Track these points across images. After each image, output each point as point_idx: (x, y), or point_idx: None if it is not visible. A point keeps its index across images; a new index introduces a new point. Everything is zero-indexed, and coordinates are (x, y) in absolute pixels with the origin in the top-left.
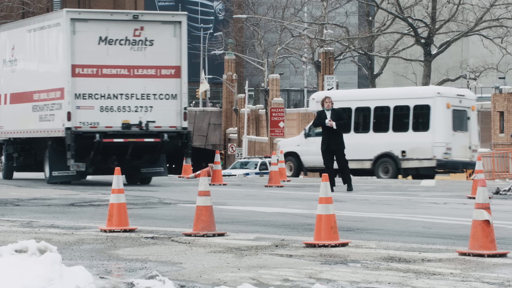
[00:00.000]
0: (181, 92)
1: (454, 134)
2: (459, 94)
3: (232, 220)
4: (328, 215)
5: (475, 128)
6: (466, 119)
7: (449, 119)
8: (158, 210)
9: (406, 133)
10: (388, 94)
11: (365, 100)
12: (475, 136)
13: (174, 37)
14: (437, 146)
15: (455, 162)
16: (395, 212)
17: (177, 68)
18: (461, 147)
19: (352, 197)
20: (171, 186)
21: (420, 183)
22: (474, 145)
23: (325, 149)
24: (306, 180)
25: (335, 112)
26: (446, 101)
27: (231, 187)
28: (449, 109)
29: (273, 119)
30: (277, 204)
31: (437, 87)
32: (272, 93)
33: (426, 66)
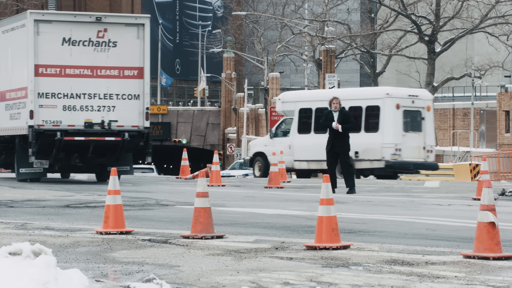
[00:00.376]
0: (143, 92)
1: (405, 134)
2: (411, 94)
3: (231, 222)
4: (330, 217)
5: (431, 129)
6: (421, 120)
7: (399, 120)
8: (155, 211)
9: (359, 134)
10: (344, 95)
11: (324, 100)
12: (430, 137)
13: (138, 39)
14: (386, 147)
15: (405, 162)
16: (398, 214)
17: (139, 69)
18: (413, 147)
19: (354, 198)
20: (168, 187)
21: (424, 184)
22: (429, 146)
23: (329, 150)
24: (307, 181)
25: (343, 114)
26: (396, 101)
27: (230, 188)
28: (399, 109)
29: (273, 119)
30: (277, 205)
31: (387, 88)
32: (272, 92)
33: (430, 64)
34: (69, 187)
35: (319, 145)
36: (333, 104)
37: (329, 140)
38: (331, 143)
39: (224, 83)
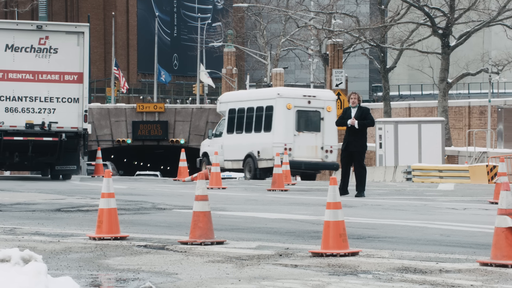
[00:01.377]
0: (82, 96)
1: (298, 134)
2: (306, 94)
3: (232, 227)
4: (337, 222)
5: (331, 128)
6: (319, 120)
7: (291, 120)
8: (152, 216)
9: (260, 133)
10: (254, 95)
11: (242, 101)
12: (330, 137)
13: (78, 46)
14: (276, 146)
15: (296, 162)
16: (410, 218)
17: (79, 74)
18: (307, 147)
19: (363, 202)
20: (165, 190)
21: (438, 187)
22: (328, 146)
23: (343, 149)
24: (313, 184)
25: (361, 111)
26: (287, 101)
27: (231, 191)
28: (290, 109)
29: None
30: (281, 209)
31: (279, 88)
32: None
33: (444, 59)
34: (60, 189)
35: (237, 145)
36: (351, 99)
37: (344, 138)
38: (346, 142)
39: (224, 79)
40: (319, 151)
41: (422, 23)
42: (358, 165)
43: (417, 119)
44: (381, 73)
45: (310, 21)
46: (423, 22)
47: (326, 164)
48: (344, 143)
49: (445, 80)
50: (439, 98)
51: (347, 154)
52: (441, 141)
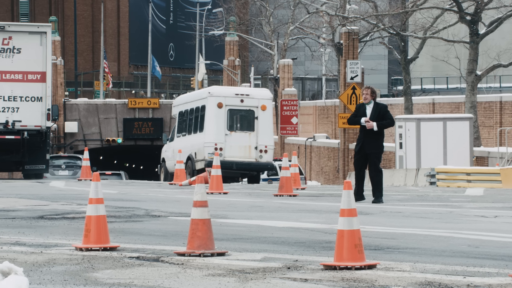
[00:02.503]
0: (45, 95)
1: (230, 134)
2: (239, 93)
3: (234, 236)
4: (352, 231)
5: (266, 128)
6: (253, 119)
7: (222, 119)
8: (145, 224)
9: (196, 135)
10: (193, 96)
11: (187, 103)
12: (265, 136)
13: (40, 46)
14: (207, 146)
15: (227, 162)
16: (434, 227)
17: (42, 74)
18: (240, 147)
19: (380, 209)
20: (160, 195)
21: (465, 192)
22: (263, 146)
23: (358, 151)
24: (325, 188)
25: (378, 108)
26: (218, 100)
27: (233, 196)
28: (221, 108)
29: (284, 114)
30: (289, 217)
31: (210, 87)
32: (283, 82)
33: (473, 49)
34: (43, 194)
35: (183, 147)
36: (363, 95)
37: (359, 138)
38: (360, 142)
39: (226, 71)
40: (252, 151)
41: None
42: (374, 169)
43: (442, 116)
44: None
45: (322, 7)
46: (449, 7)
47: (260, 165)
48: (358, 144)
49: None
50: (466, 93)
51: (362, 156)
52: (469, 141)
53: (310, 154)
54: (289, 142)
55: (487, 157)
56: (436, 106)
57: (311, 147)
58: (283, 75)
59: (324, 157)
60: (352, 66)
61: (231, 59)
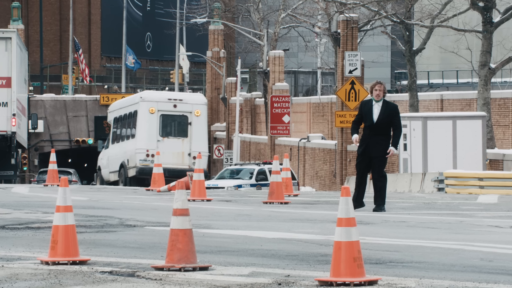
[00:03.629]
0: (11, 100)
1: (162, 140)
2: (172, 98)
3: (219, 248)
4: (350, 242)
5: (200, 134)
6: (186, 125)
7: (154, 124)
8: (119, 234)
9: (129, 141)
10: (127, 101)
11: (121, 108)
12: (198, 142)
13: (6, 52)
14: (138, 153)
15: None
16: (442, 238)
17: (7, 79)
18: (173, 153)
19: (382, 218)
20: (136, 202)
21: (477, 199)
22: (195, 152)
23: (361, 153)
24: (320, 195)
25: (388, 108)
26: (150, 106)
27: (217, 204)
28: (153, 114)
29: (275, 112)
30: (280, 227)
31: (143, 92)
32: (274, 76)
33: (486, 39)
34: (5, 201)
35: (117, 154)
36: (375, 91)
37: (362, 139)
38: (365, 144)
39: (210, 64)
40: (186, 158)
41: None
42: (378, 173)
43: (452, 114)
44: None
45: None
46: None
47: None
48: (361, 145)
49: (487, 65)
50: (479, 88)
51: (365, 159)
52: (482, 142)
53: (303, 156)
54: (280, 143)
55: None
56: (444, 103)
57: (304, 149)
58: (273, 68)
59: (319, 160)
60: (351, 58)
61: (215, 50)
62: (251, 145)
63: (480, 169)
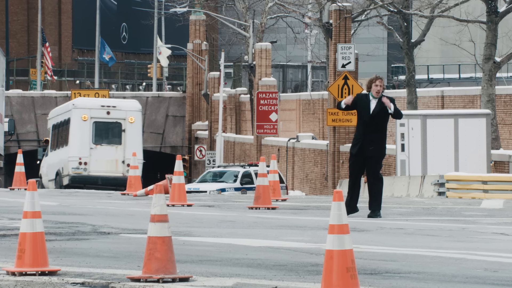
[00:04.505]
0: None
1: (95, 147)
2: (105, 105)
3: (200, 258)
4: (343, 251)
5: (134, 141)
6: (120, 132)
7: (87, 132)
8: (92, 243)
9: (63, 149)
10: (64, 108)
11: (59, 115)
12: (132, 149)
13: None
14: (71, 161)
15: (92, 177)
16: (443, 247)
17: None
18: (106, 161)
19: (378, 224)
20: (111, 208)
21: (481, 204)
22: (130, 159)
23: (355, 153)
24: (310, 200)
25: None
26: (82, 113)
27: (199, 209)
28: (86, 121)
29: (261, 109)
30: (267, 234)
31: (76, 99)
32: (260, 70)
33: (490, 31)
34: None
35: (53, 163)
36: (375, 86)
37: (357, 138)
38: (360, 142)
39: (190, 57)
40: (120, 165)
41: None
42: (373, 176)
43: (453, 111)
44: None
45: None
46: None
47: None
48: (355, 144)
49: (492, 58)
50: (483, 84)
51: (359, 159)
52: (486, 142)
53: (292, 158)
54: (267, 144)
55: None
56: (445, 100)
57: (293, 150)
58: (260, 62)
59: (309, 162)
60: (344, 51)
61: (196, 43)
62: (235, 146)
63: (484, 172)
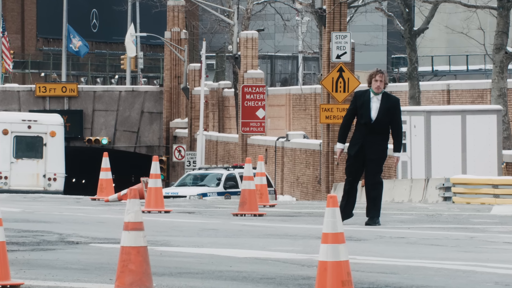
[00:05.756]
0: None
1: (16, 161)
2: (26, 119)
3: (179, 270)
4: (338, 263)
5: (55, 155)
6: (41, 146)
7: (7, 146)
8: (59, 253)
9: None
10: None
11: None
12: (54, 164)
13: None
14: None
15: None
16: (449, 258)
17: None
18: (27, 175)
19: (377, 233)
20: (80, 214)
21: (491, 211)
22: (51, 173)
23: (354, 154)
24: (302, 205)
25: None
26: (2, 127)
27: (177, 216)
28: (7, 135)
29: (247, 105)
30: (254, 244)
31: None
32: (246, 61)
33: (502, 17)
34: None
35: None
36: (376, 81)
37: (356, 138)
38: (359, 143)
39: (168, 47)
40: (40, 179)
41: None
42: (372, 179)
43: (460, 107)
44: (406, 39)
45: None
46: None
47: (48, 193)
48: (354, 145)
49: (503, 48)
50: (493, 76)
51: (358, 162)
52: (497, 141)
53: (282, 159)
54: (253, 143)
55: None
56: (452, 95)
57: (283, 150)
58: (245, 53)
59: (301, 163)
60: (339, 41)
61: (175, 31)
62: (218, 145)
63: (495, 174)
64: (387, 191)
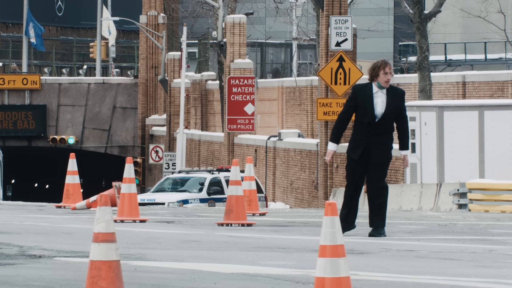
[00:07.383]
0: None
1: None
2: None
3: (157, 287)
4: (338, 279)
5: None
6: None
7: None
8: (19, 269)
9: None
10: None
11: None
12: None
13: None
14: None
15: None
16: (464, 274)
17: None
18: None
19: (382, 245)
20: (42, 224)
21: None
22: None
23: (357, 158)
24: (296, 214)
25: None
26: None
27: (155, 226)
28: None
29: (234, 99)
30: (242, 257)
31: None
32: (232, 49)
33: None
34: None
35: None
36: (384, 74)
37: (356, 137)
38: (363, 145)
39: (144, 33)
40: None
41: None
42: (377, 184)
43: (478, 102)
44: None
45: None
46: None
47: None
48: (357, 147)
49: None
50: None
51: (361, 165)
52: None
53: (273, 161)
54: (241, 143)
55: None
56: (468, 87)
57: (275, 150)
58: (231, 39)
59: (295, 166)
60: (339, 26)
61: (152, 15)
62: (201, 145)
63: None
64: (393, 197)
